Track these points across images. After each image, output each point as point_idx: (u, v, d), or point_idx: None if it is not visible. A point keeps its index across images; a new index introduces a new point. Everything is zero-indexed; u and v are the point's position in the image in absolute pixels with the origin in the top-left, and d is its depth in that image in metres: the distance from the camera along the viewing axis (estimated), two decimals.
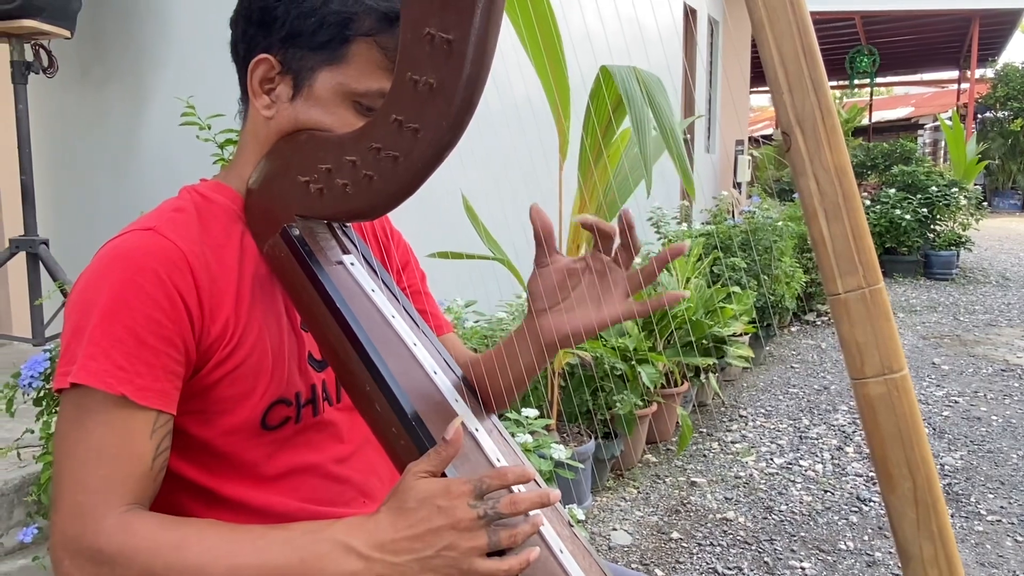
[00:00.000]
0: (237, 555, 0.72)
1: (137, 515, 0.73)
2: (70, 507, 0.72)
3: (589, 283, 0.90)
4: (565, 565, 0.78)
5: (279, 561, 0.71)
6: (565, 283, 0.91)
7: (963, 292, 7.05)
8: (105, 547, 0.71)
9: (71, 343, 0.76)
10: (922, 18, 12.33)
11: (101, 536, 0.71)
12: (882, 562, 2.38)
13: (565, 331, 0.90)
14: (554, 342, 0.91)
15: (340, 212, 0.82)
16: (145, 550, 0.71)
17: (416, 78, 0.73)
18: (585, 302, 0.90)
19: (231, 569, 0.71)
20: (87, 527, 0.71)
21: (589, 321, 0.90)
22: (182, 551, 0.71)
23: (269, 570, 0.71)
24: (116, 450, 0.74)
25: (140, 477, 0.75)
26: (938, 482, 0.63)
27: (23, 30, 2.51)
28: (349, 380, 0.81)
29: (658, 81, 2.30)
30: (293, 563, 0.71)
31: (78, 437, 0.74)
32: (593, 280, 0.90)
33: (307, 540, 0.72)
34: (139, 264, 0.77)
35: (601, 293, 0.90)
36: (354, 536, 0.72)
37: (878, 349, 0.61)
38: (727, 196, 6.83)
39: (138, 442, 0.75)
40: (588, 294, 0.90)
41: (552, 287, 0.91)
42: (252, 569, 0.71)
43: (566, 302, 0.91)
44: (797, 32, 0.60)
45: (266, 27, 0.82)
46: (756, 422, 3.66)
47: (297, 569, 0.71)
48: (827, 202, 0.61)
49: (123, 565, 0.70)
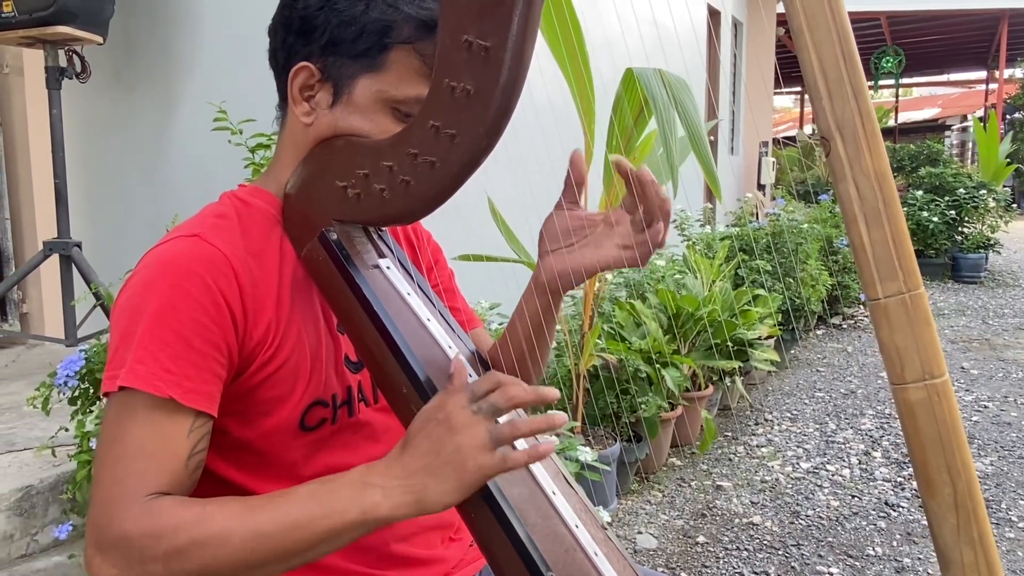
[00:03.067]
0: (258, 516, 0.72)
1: (160, 498, 0.74)
2: (102, 500, 0.73)
3: (600, 232, 0.93)
4: (600, 568, 0.78)
5: (300, 513, 0.72)
6: (578, 230, 0.93)
7: (992, 295, 6.95)
8: (131, 532, 0.71)
9: (119, 347, 0.77)
10: (949, 18, 12.17)
11: (127, 523, 0.71)
12: (911, 568, 2.36)
13: (554, 270, 0.93)
14: (545, 282, 0.94)
15: (377, 217, 0.83)
16: (170, 529, 0.71)
17: (453, 84, 0.73)
18: (587, 247, 0.93)
19: (254, 530, 0.71)
20: (114, 517, 0.72)
21: (580, 263, 0.92)
22: (204, 523, 0.72)
23: (291, 523, 0.72)
24: (152, 446, 0.75)
25: (173, 472, 0.76)
26: (979, 488, 0.62)
27: (57, 36, 2.56)
28: (386, 382, 0.82)
29: (684, 83, 2.30)
30: (314, 512, 0.72)
31: (119, 436, 0.75)
32: (604, 231, 0.93)
33: (325, 489, 0.74)
34: (186, 270, 0.78)
35: (602, 239, 0.92)
36: (368, 473, 0.74)
37: (919, 354, 0.61)
38: (751, 198, 6.79)
39: (175, 440, 0.76)
40: (592, 240, 0.93)
41: (564, 229, 0.94)
42: (274, 525, 0.72)
43: (571, 246, 0.94)
44: (837, 38, 0.60)
45: (306, 35, 0.84)
46: (782, 426, 3.64)
47: (319, 517, 0.72)
48: (867, 207, 0.61)
49: (151, 547, 0.70)
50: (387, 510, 0.72)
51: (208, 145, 2.37)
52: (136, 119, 3.15)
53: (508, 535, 0.75)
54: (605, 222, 0.93)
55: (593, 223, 0.93)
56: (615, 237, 0.92)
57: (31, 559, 1.83)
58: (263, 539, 0.71)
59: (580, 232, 0.94)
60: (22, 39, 2.59)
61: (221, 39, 2.93)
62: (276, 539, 0.71)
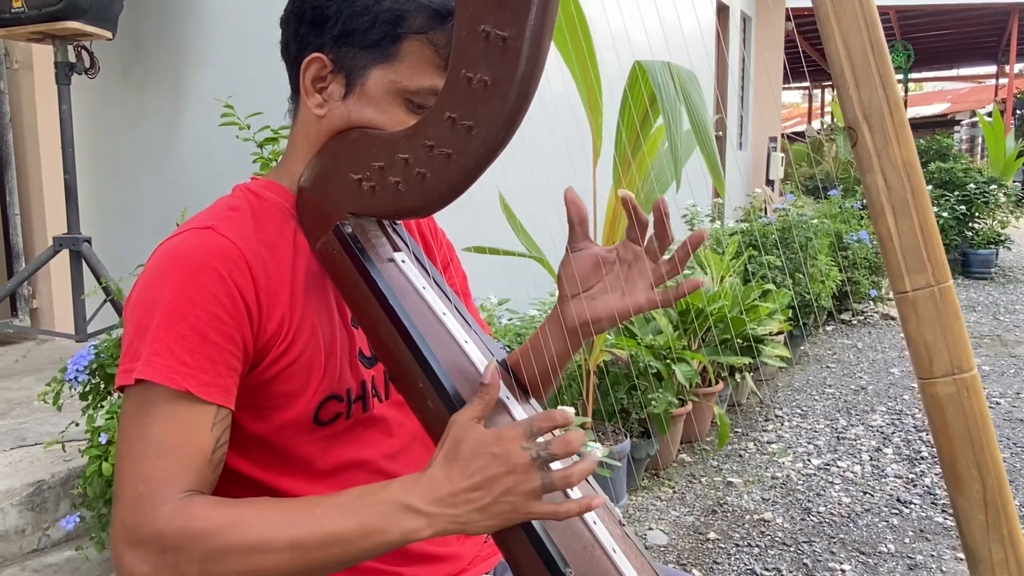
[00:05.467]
0: (297, 526, 0.71)
1: (193, 499, 0.73)
2: (130, 498, 0.73)
3: (618, 272, 0.92)
4: (619, 564, 0.77)
5: (340, 528, 0.71)
6: (596, 270, 0.92)
7: (1002, 291, 6.91)
8: (165, 532, 0.70)
9: (134, 340, 0.77)
10: (958, 12, 12.09)
11: (160, 522, 0.71)
12: (924, 565, 2.34)
13: (586, 317, 0.92)
14: (578, 328, 0.93)
15: (392, 210, 0.82)
16: (205, 532, 0.70)
17: (470, 76, 0.73)
18: (611, 290, 0.92)
19: (293, 541, 0.71)
20: (146, 516, 0.71)
21: (612, 309, 0.91)
22: (241, 528, 0.71)
23: (331, 538, 0.71)
24: (177, 442, 0.74)
25: (199, 468, 0.75)
26: (1008, 484, 0.61)
27: (66, 32, 2.55)
28: (402, 376, 0.82)
29: (692, 76, 2.28)
30: (354, 529, 0.71)
31: (140, 432, 0.75)
32: (621, 269, 0.92)
33: (365, 503, 0.72)
34: (200, 262, 0.78)
35: (627, 282, 0.91)
36: (412, 495, 0.72)
37: (947, 348, 0.60)
38: (760, 193, 6.76)
39: (199, 435, 0.76)
40: (615, 283, 0.92)
41: (583, 272, 0.92)
42: (314, 539, 0.71)
43: (594, 289, 0.93)
44: (864, 25, 0.59)
45: (318, 26, 0.83)
46: (792, 422, 3.62)
47: (359, 534, 0.71)
48: (895, 198, 0.60)
49: (187, 548, 0.70)
50: (428, 535, 0.72)
51: (217, 140, 2.36)
52: (145, 114, 3.15)
53: (526, 531, 0.74)
54: (621, 260, 0.92)
55: (608, 260, 0.92)
56: (639, 279, 0.91)
57: (43, 554, 1.84)
58: (302, 552, 0.71)
59: (597, 272, 0.92)
60: (31, 35, 2.59)
61: (230, 34, 2.93)
62: (314, 553, 0.71)
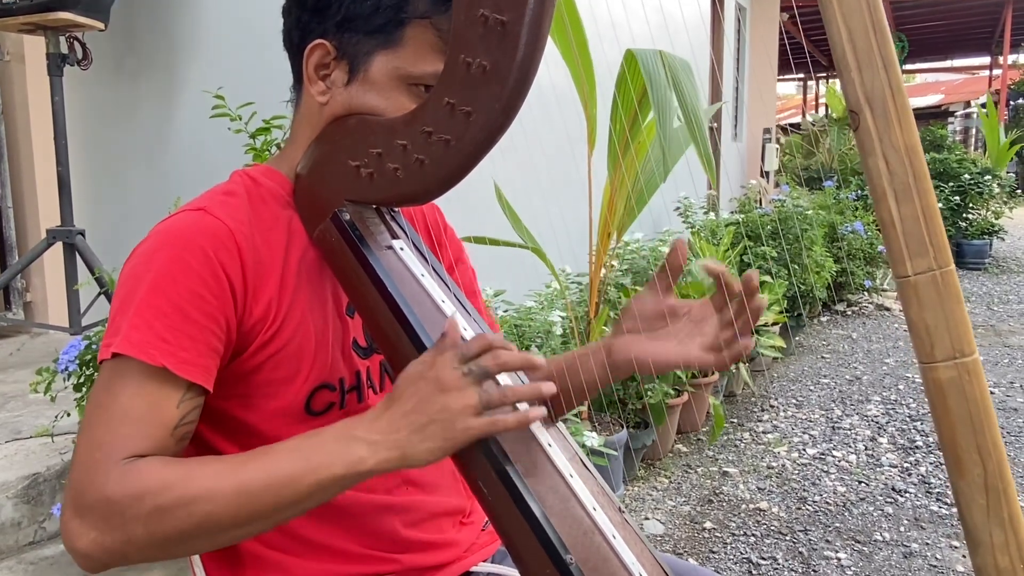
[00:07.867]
0: (243, 472, 0.71)
1: (142, 459, 0.72)
2: (84, 463, 0.71)
3: (683, 326, 0.91)
4: (618, 550, 0.77)
5: (286, 469, 0.71)
6: (662, 318, 0.92)
7: (996, 282, 6.94)
8: (112, 495, 0.69)
9: (116, 316, 0.76)
10: (952, 3, 12.08)
11: (108, 485, 0.69)
12: (919, 553, 2.36)
13: (632, 354, 0.91)
14: (619, 362, 0.92)
15: (390, 196, 0.82)
16: (153, 488, 0.69)
17: (469, 60, 0.72)
18: (669, 339, 0.91)
19: (239, 486, 0.70)
20: (95, 479, 0.70)
21: (661, 354, 0.90)
22: (188, 481, 0.70)
23: (278, 479, 0.71)
24: (141, 413, 0.73)
25: (159, 439, 0.74)
26: (1008, 468, 0.61)
27: (58, 22, 2.53)
28: (400, 364, 0.81)
29: (685, 64, 2.27)
30: (300, 467, 0.71)
31: (107, 401, 0.74)
32: (686, 326, 0.91)
33: (310, 443, 0.73)
34: (187, 241, 0.78)
35: (687, 335, 0.90)
36: (355, 427, 0.73)
37: (949, 332, 0.59)
38: (755, 184, 6.76)
39: (165, 410, 0.74)
40: (676, 333, 0.91)
41: (650, 314, 0.92)
42: (260, 482, 0.70)
43: (653, 333, 0.92)
44: (866, 6, 0.58)
45: (321, 13, 0.82)
46: (787, 412, 3.63)
47: (305, 471, 0.71)
48: (897, 182, 0.59)
49: (133, 508, 0.68)
50: (372, 464, 0.72)
51: (210, 131, 2.35)
52: (138, 106, 3.13)
53: (526, 517, 0.74)
54: (690, 316, 0.92)
55: (676, 314, 0.92)
56: (700, 336, 0.90)
57: (39, 546, 1.83)
58: (249, 496, 0.70)
59: (661, 320, 0.92)
60: (23, 26, 2.57)
61: (223, 25, 2.91)
62: (263, 496, 0.70)
